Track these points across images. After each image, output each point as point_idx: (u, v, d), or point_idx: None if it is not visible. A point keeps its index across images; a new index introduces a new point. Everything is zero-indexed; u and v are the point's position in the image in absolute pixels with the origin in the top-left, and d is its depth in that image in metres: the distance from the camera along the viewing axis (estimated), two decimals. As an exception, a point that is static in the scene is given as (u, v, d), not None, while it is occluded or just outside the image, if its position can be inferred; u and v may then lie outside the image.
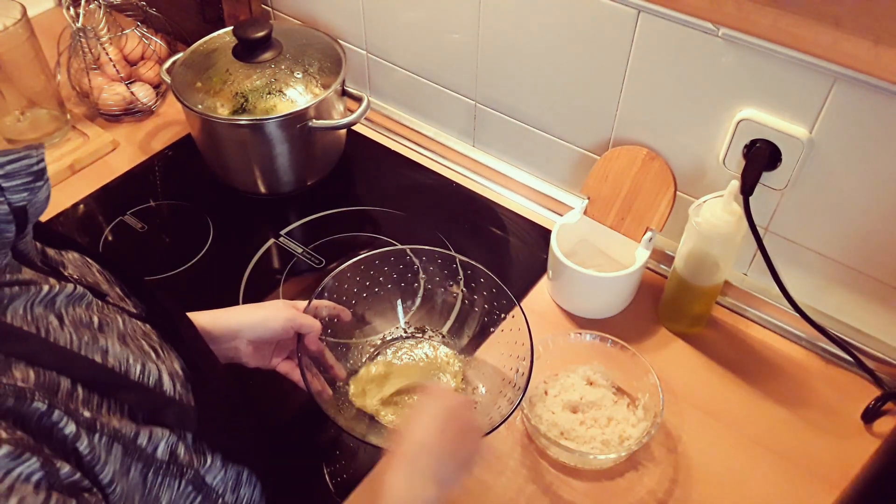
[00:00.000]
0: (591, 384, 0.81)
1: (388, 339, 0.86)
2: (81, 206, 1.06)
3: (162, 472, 0.46)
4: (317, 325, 0.74)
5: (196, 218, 1.05)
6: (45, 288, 0.46)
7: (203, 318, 0.70)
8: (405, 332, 0.86)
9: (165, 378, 0.50)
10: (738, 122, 0.79)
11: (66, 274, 0.52)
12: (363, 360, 0.83)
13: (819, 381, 0.84)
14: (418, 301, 0.88)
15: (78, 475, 0.40)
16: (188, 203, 1.07)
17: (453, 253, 0.85)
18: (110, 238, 1.02)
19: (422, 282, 0.87)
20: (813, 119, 0.74)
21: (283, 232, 1.03)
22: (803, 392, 0.83)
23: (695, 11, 0.73)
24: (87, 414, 0.42)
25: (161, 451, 0.47)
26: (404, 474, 0.59)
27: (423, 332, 0.87)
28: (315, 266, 0.98)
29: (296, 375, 0.76)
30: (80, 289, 0.49)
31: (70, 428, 0.41)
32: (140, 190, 1.09)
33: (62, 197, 1.07)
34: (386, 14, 1.06)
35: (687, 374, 0.85)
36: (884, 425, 0.80)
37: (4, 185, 0.44)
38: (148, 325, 0.54)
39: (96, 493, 0.41)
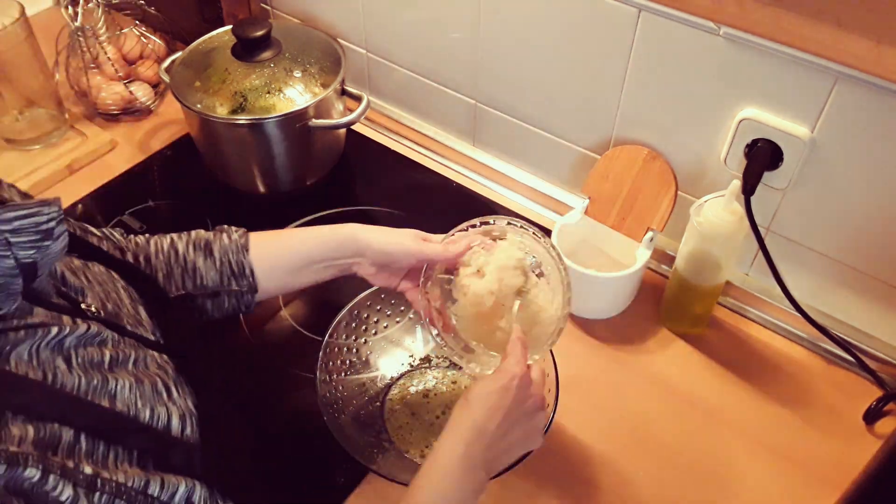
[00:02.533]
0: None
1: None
2: (80, 206, 1.06)
3: None
4: (443, 254, 0.69)
5: (195, 218, 1.05)
6: (55, 330, 0.45)
7: (331, 231, 0.71)
8: None
9: (175, 421, 0.49)
10: (740, 122, 0.78)
11: (83, 307, 0.51)
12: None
13: (821, 382, 0.84)
14: None
15: None
16: (187, 203, 1.07)
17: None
18: (109, 238, 1.02)
19: None
20: (815, 118, 0.74)
21: (282, 232, 1.02)
22: (805, 393, 0.83)
23: (696, 10, 0.73)
24: (88, 470, 0.41)
25: (179, 498, 0.46)
26: (459, 457, 0.58)
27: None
28: (314, 266, 0.98)
29: (416, 305, 0.73)
30: (94, 327, 0.48)
31: (66, 493, 0.40)
32: (139, 190, 1.08)
33: (60, 197, 1.06)
34: (386, 13, 1.05)
35: (688, 375, 0.85)
36: (885, 426, 0.79)
37: (12, 240, 0.43)
38: (164, 356, 0.54)
39: None
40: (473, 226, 0.70)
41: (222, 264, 0.71)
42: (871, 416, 0.79)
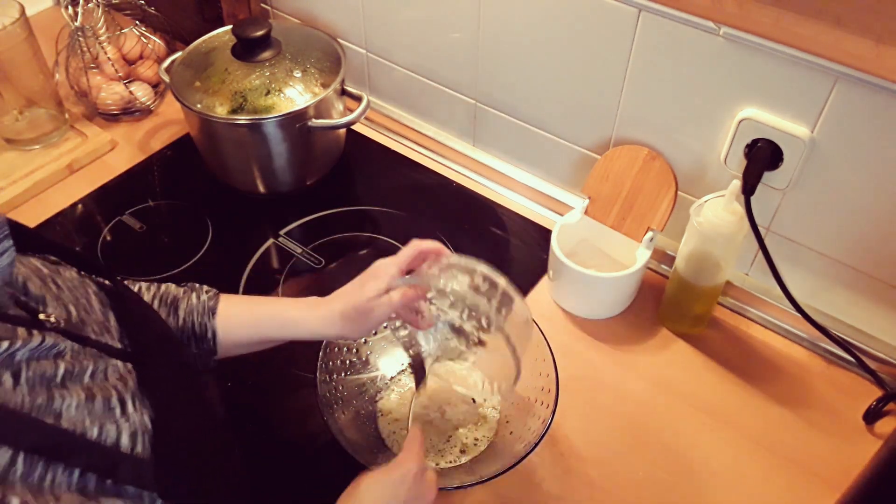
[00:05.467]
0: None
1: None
2: (80, 206, 1.06)
3: None
4: (410, 291, 0.67)
5: (195, 218, 1.05)
6: (5, 344, 0.43)
7: (312, 320, 0.69)
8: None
9: (125, 438, 0.47)
10: (740, 122, 0.78)
11: (42, 317, 0.49)
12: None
13: (820, 382, 0.84)
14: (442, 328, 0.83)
15: None
16: (187, 203, 1.07)
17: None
18: (109, 238, 1.02)
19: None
20: (815, 118, 0.74)
21: (282, 232, 1.02)
22: (805, 392, 0.83)
23: (696, 10, 0.73)
24: (15, 502, 0.39)
25: None
26: None
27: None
28: (314, 266, 0.98)
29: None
30: (49, 339, 0.46)
31: None
32: (139, 190, 1.08)
33: (60, 197, 1.07)
34: (386, 13, 1.05)
35: (688, 375, 0.85)
36: (885, 426, 0.79)
37: None
38: (129, 365, 0.52)
39: None
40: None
41: (185, 324, 0.68)
42: (871, 415, 0.79)
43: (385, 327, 0.83)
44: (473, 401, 0.80)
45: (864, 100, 0.70)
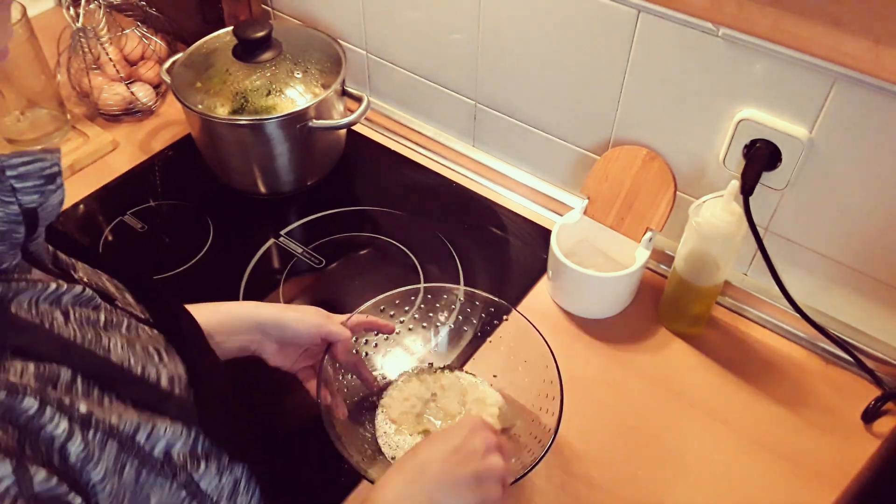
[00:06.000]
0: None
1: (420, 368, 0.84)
2: (81, 206, 1.07)
3: (155, 472, 0.46)
4: (346, 333, 0.72)
5: (196, 218, 1.05)
6: (53, 286, 0.46)
7: (228, 308, 0.70)
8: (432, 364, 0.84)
9: (164, 380, 0.50)
10: (738, 122, 0.79)
11: (76, 277, 0.52)
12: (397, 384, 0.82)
13: (819, 381, 0.84)
14: (443, 336, 0.85)
15: (54, 482, 0.39)
16: (188, 203, 1.07)
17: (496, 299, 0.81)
18: (110, 238, 1.02)
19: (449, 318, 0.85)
20: (813, 119, 0.74)
21: (283, 232, 1.03)
22: (803, 392, 0.83)
23: (695, 11, 0.73)
24: (83, 409, 0.42)
25: (158, 451, 0.46)
26: (399, 487, 0.57)
27: (442, 369, 0.84)
28: (315, 266, 0.98)
29: (311, 385, 0.75)
30: (88, 291, 0.49)
31: (62, 426, 0.40)
32: (140, 190, 1.09)
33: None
34: (386, 14, 1.06)
35: (687, 374, 0.85)
36: (884, 425, 0.80)
37: (17, 185, 0.44)
38: (155, 331, 0.54)
39: (73, 500, 0.40)
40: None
41: None
42: (870, 415, 0.80)
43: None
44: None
45: (862, 101, 0.70)
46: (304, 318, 0.72)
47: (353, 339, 0.75)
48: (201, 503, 0.50)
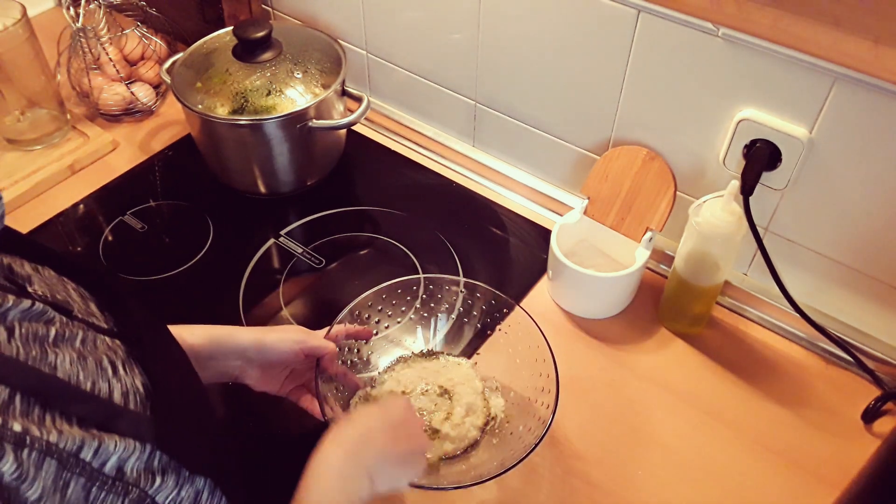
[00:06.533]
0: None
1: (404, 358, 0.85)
2: (81, 206, 1.07)
3: (106, 489, 0.44)
4: (330, 346, 0.72)
5: (196, 218, 1.05)
6: None
7: (206, 332, 0.68)
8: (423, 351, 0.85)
9: (117, 395, 0.48)
10: (738, 122, 0.79)
11: (29, 290, 0.50)
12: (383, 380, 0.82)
13: (819, 381, 0.84)
14: (442, 327, 0.86)
15: None
16: (188, 203, 1.07)
17: (492, 289, 0.82)
18: (110, 238, 1.02)
19: (447, 310, 0.86)
20: (813, 119, 0.74)
21: (283, 232, 1.03)
22: (803, 392, 0.83)
23: (695, 11, 0.73)
24: (17, 428, 0.40)
25: (109, 467, 0.45)
26: (341, 457, 0.58)
27: (437, 355, 0.85)
28: (315, 266, 0.98)
29: (304, 402, 0.75)
30: (38, 305, 0.47)
31: None
32: (140, 190, 1.09)
33: (62, 197, 1.07)
34: (386, 14, 1.06)
35: (687, 374, 0.85)
36: (884, 425, 0.80)
37: None
38: (117, 341, 0.53)
39: None
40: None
41: None
42: (870, 415, 0.80)
43: (387, 327, 0.84)
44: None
45: (862, 100, 0.70)
46: (286, 337, 0.71)
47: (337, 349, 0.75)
48: None
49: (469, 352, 0.85)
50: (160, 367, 0.53)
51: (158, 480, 0.48)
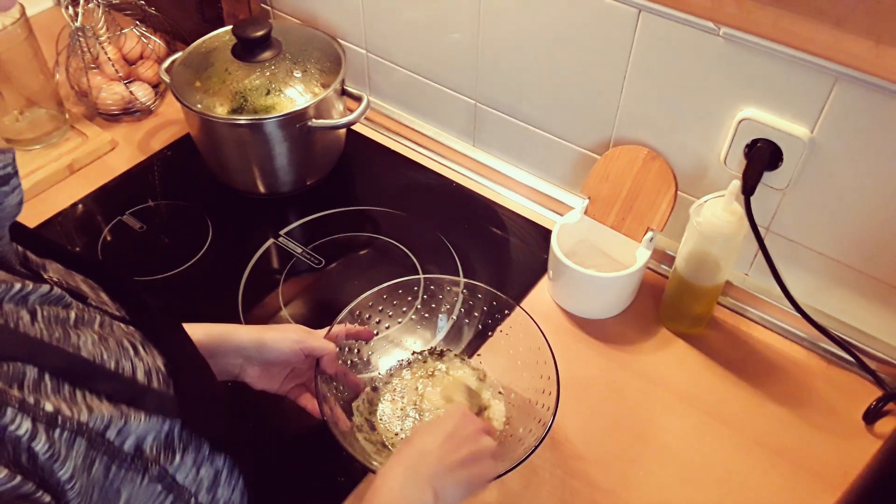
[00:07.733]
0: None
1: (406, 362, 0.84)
2: (80, 206, 1.06)
3: (125, 467, 0.45)
4: (330, 346, 0.72)
5: (195, 218, 1.05)
6: (18, 286, 0.45)
7: (206, 330, 0.69)
8: (423, 353, 0.85)
9: (140, 373, 0.49)
10: (740, 122, 0.78)
11: (45, 276, 0.51)
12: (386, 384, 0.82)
13: (820, 382, 0.84)
14: (443, 328, 0.86)
15: (17, 480, 0.38)
16: (187, 203, 1.07)
17: (492, 290, 0.82)
18: (109, 238, 1.02)
19: (449, 310, 0.86)
20: (814, 119, 0.74)
21: (282, 232, 1.02)
22: (804, 392, 0.83)
23: (696, 11, 0.73)
24: (49, 408, 0.41)
25: (129, 445, 0.46)
26: (401, 474, 0.59)
27: (442, 354, 0.84)
28: (315, 266, 0.98)
29: (304, 401, 0.76)
30: (57, 290, 0.48)
31: (24, 427, 0.39)
32: (139, 190, 1.09)
33: (61, 197, 1.07)
34: (386, 13, 1.06)
35: (688, 375, 0.85)
36: (885, 426, 0.80)
37: None
38: (131, 327, 0.54)
39: (42, 497, 0.39)
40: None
41: None
42: (871, 415, 0.80)
43: (387, 327, 0.84)
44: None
45: (863, 100, 0.70)
46: (285, 336, 0.71)
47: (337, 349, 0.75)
48: (179, 495, 0.49)
49: (469, 353, 0.85)
50: (177, 349, 0.55)
51: (178, 458, 0.49)
